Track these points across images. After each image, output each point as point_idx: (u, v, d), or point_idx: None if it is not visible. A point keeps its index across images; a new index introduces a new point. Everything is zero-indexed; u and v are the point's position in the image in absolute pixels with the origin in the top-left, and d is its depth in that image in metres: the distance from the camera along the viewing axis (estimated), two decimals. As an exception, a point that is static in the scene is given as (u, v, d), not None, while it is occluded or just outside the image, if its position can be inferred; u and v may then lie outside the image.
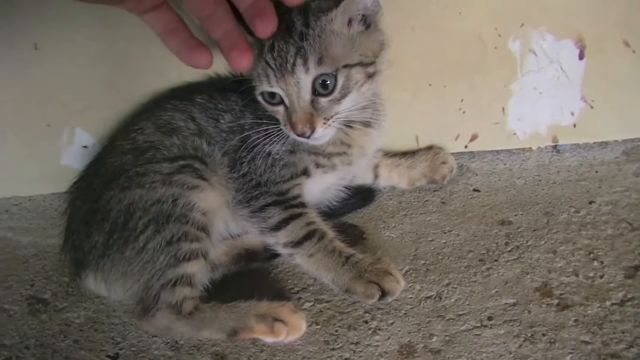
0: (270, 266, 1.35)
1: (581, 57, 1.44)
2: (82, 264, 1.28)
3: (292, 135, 1.17)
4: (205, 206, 1.25)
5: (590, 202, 1.39)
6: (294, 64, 1.11)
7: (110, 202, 1.24)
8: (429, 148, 1.53)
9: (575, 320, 1.13)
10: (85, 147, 1.58)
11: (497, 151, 1.57)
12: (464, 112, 1.50)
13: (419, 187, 1.50)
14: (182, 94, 1.38)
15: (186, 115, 1.33)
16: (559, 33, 1.41)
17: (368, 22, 1.16)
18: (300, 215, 1.27)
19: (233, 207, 1.30)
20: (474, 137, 1.55)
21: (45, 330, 1.28)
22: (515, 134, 1.53)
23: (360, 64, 1.16)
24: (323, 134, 1.17)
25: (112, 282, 1.26)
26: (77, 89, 1.49)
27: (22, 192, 1.70)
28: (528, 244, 1.31)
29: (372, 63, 1.17)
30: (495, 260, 1.28)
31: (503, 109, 1.50)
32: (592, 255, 1.26)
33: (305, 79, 1.12)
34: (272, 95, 1.17)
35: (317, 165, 1.30)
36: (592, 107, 1.49)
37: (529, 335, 1.11)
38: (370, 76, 1.17)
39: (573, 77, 1.46)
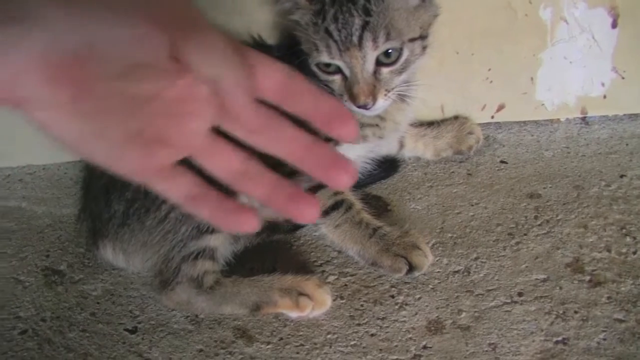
0: (292, 238, 1.33)
1: (614, 25, 1.40)
2: (101, 233, 1.26)
3: (350, 106, 1.14)
4: None
5: (621, 176, 1.36)
6: (360, 38, 1.09)
7: None
8: (455, 118, 1.51)
9: (608, 298, 1.10)
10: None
11: (525, 122, 1.54)
12: (491, 82, 1.47)
13: (444, 157, 1.48)
14: None
15: None
16: (591, 1, 1.37)
17: None
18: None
19: None
20: (500, 108, 1.51)
21: (61, 302, 1.27)
22: (543, 104, 1.50)
23: (420, 37, 1.16)
24: (383, 105, 1.16)
25: (131, 252, 1.25)
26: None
27: (36, 161, 1.68)
28: (558, 218, 1.28)
29: (427, 36, 1.18)
30: (525, 235, 1.25)
31: (532, 78, 1.46)
32: (624, 230, 1.23)
33: (372, 54, 1.11)
34: (328, 64, 1.15)
35: None
36: (623, 78, 1.45)
37: (561, 312, 1.09)
38: (424, 48, 1.17)
39: (605, 47, 1.42)
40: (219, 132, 0.69)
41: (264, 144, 0.69)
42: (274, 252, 1.29)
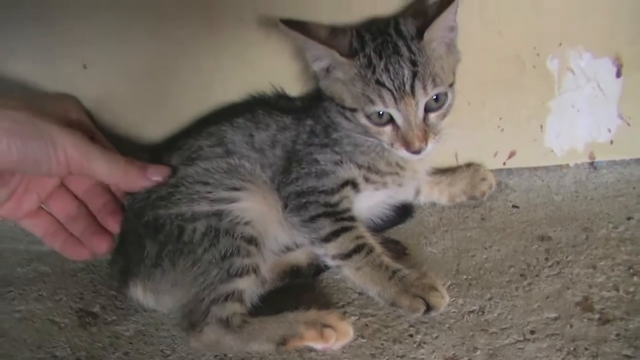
0: (315, 281, 1.38)
1: (618, 75, 1.45)
2: (133, 273, 1.31)
3: (402, 153, 1.24)
4: (249, 216, 1.28)
5: (629, 218, 1.41)
6: (412, 86, 1.18)
7: (162, 215, 1.28)
8: (469, 165, 1.55)
9: (617, 335, 1.15)
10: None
11: (535, 168, 1.59)
12: (502, 130, 1.52)
13: (459, 203, 1.53)
14: (221, 118, 1.42)
15: (217, 139, 1.38)
16: (596, 51, 1.43)
17: (451, 42, 1.25)
18: (350, 228, 1.29)
19: (284, 215, 1.34)
20: (512, 154, 1.56)
21: (95, 342, 1.31)
22: (552, 150, 1.55)
23: (453, 82, 1.24)
24: (431, 148, 1.23)
25: (161, 292, 1.30)
26: (126, 105, 1.51)
27: None
28: (568, 259, 1.33)
29: (454, 82, 1.26)
30: (536, 275, 1.30)
31: (541, 126, 1.51)
32: (631, 270, 1.27)
33: (423, 100, 1.19)
34: (380, 115, 1.22)
35: (367, 180, 1.34)
36: (629, 124, 1.50)
37: (572, 349, 1.13)
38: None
39: (610, 95, 1.48)
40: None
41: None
42: (297, 295, 1.33)
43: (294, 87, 1.44)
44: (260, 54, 1.41)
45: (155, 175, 1.26)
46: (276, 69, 1.43)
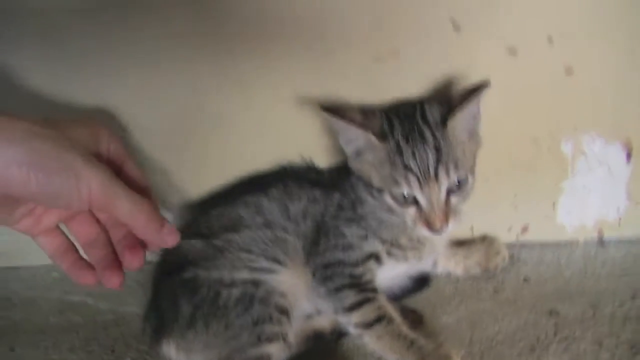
0: (337, 345, 1.44)
1: (628, 159, 1.53)
2: (166, 332, 1.37)
3: (424, 232, 1.30)
4: (284, 289, 1.36)
5: (633, 297, 1.47)
6: (436, 171, 1.25)
7: (201, 276, 1.36)
8: (483, 238, 1.63)
9: (619, 411, 1.20)
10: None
11: (546, 243, 1.65)
12: (516, 206, 1.60)
13: (472, 274, 1.60)
14: (254, 188, 1.50)
15: (256, 209, 1.45)
16: (608, 137, 1.50)
17: (473, 129, 1.33)
18: (373, 299, 1.36)
19: (311, 284, 1.41)
20: (524, 229, 1.64)
21: None
22: (563, 227, 1.62)
23: (474, 165, 1.32)
24: (452, 228, 1.30)
25: (194, 351, 1.35)
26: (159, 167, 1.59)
27: None
28: (575, 335, 1.38)
29: (475, 165, 1.33)
30: (545, 349, 1.35)
31: (553, 204, 1.59)
32: (634, 349, 1.32)
33: (445, 184, 1.26)
34: (404, 197, 1.29)
35: (389, 254, 1.41)
36: (637, 204, 1.58)
37: (577, 423, 1.18)
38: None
39: (620, 177, 1.55)
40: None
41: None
42: (319, 358, 1.40)
43: (323, 159, 1.53)
44: (293, 127, 1.49)
45: (169, 237, 1.16)
46: (306, 141, 1.52)
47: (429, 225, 1.29)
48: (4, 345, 1.58)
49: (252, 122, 1.51)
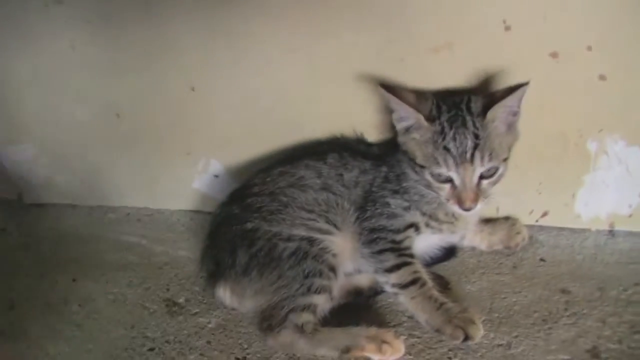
0: (372, 302, 1.57)
1: (645, 160, 1.64)
2: (222, 277, 1.50)
3: (454, 208, 1.43)
4: (336, 250, 1.49)
5: (636, 284, 1.56)
6: (472, 156, 1.37)
7: (257, 230, 1.48)
8: (507, 218, 1.76)
9: (617, 381, 1.32)
10: (216, 176, 1.84)
11: (563, 228, 1.77)
12: (540, 193, 1.73)
13: (495, 250, 1.72)
14: (315, 153, 1.63)
15: (316, 173, 1.58)
16: (630, 140, 1.61)
17: (512, 123, 1.43)
18: (410, 263, 1.50)
19: (357, 246, 1.53)
20: (544, 214, 1.77)
21: (182, 329, 1.50)
22: (579, 216, 1.74)
23: (508, 157, 1.43)
24: (480, 208, 1.42)
25: (246, 297, 1.49)
26: (222, 126, 1.74)
27: (152, 205, 1.94)
28: (583, 312, 1.49)
29: (509, 157, 1.44)
30: (556, 322, 1.47)
31: (573, 194, 1.71)
32: (634, 329, 1.42)
33: (479, 169, 1.38)
34: (441, 175, 1.41)
35: (427, 225, 1.54)
36: (648, 202, 1.69)
37: (580, 387, 1.31)
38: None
39: (636, 177, 1.66)
40: None
41: None
42: (357, 312, 1.51)
43: (372, 134, 1.68)
44: (350, 103, 1.63)
45: None
46: (360, 117, 1.66)
47: (460, 203, 1.42)
48: (67, 276, 1.71)
49: (315, 99, 1.66)
